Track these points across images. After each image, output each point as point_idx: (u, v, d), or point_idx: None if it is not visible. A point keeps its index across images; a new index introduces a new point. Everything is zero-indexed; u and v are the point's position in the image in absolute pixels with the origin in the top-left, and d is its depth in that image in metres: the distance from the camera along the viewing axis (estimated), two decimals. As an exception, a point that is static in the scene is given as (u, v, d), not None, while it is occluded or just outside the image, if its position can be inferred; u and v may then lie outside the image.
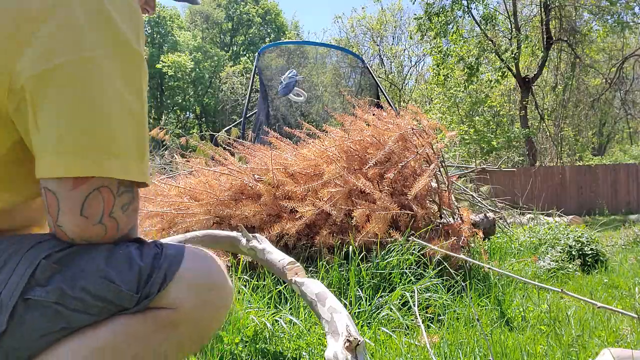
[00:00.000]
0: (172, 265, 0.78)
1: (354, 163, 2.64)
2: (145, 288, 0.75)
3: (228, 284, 0.84)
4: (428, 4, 14.11)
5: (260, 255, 1.79)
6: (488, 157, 15.42)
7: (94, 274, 0.71)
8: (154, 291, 0.75)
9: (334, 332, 1.15)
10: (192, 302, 0.78)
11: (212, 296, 0.80)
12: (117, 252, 0.75)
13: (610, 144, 26.09)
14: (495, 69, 15.49)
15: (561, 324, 1.93)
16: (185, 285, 0.77)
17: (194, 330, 0.81)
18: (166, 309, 0.77)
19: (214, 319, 0.83)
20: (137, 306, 0.75)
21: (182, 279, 0.77)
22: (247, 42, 30.24)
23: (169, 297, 0.77)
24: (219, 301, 0.82)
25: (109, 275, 0.72)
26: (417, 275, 2.17)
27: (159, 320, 0.77)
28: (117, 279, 0.72)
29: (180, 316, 0.78)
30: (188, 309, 0.78)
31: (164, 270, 0.77)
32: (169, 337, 0.78)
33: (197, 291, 0.78)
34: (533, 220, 5.61)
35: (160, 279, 0.76)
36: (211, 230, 2.14)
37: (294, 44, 8.64)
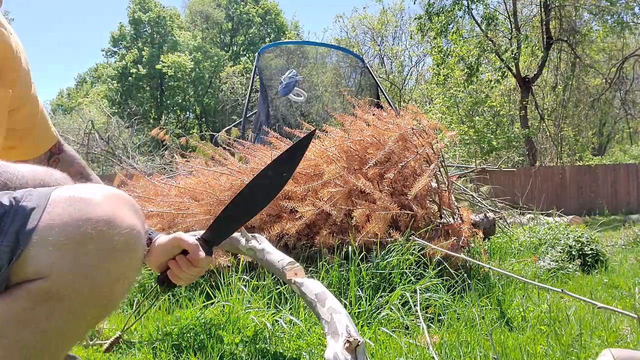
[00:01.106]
0: (25, 223, 0.61)
1: (354, 163, 2.64)
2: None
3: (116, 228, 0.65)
4: (429, 4, 14.10)
5: (259, 255, 1.79)
6: (488, 157, 15.41)
7: None
8: (4, 263, 0.60)
9: (333, 332, 1.15)
10: (66, 264, 0.61)
11: (93, 249, 0.63)
12: None
13: (610, 144, 26.08)
14: (495, 69, 15.48)
15: (561, 324, 1.93)
16: (50, 246, 0.61)
17: (87, 295, 0.64)
18: (36, 280, 0.61)
19: (110, 274, 0.65)
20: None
21: (43, 239, 0.61)
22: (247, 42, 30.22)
23: (33, 265, 0.61)
24: (106, 252, 0.64)
25: None
26: (417, 275, 2.17)
27: (32, 295, 0.61)
28: None
29: (56, 284, 0.61)
30: (63, 273, 0.61)
31: (14, 233, 0.61)
32: (53, 311, 0.63)
33: (69, 249, 0.61)
34: (533, 220, 5.61)
35: (9, 246, 0.60)
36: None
37: (294, 44, 8.64)
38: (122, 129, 13.38)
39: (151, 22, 27.21)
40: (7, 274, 0.60)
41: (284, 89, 5.68)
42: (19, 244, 0.60)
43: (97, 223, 0.63)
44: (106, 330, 1.88)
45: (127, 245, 0.66)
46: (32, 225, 0.61)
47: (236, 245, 1.94)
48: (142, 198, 2.89)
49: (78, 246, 0.62)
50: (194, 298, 2.13)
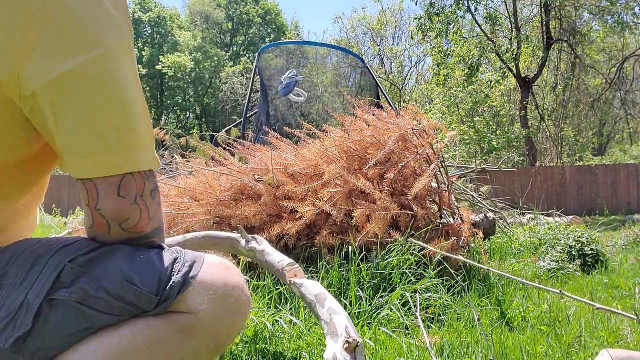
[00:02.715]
0: (190, 270, 0.79)
1: (354, 163, 2.64)
2: (165, 291, 0.76)
3: (245, 293, 0.85)
4: (430, 4, 14.10)
5: (259, 256, 1.79)
6: (488, 157, 15.42)
7: (116, 276, 0.73)
8: (173, 294, 0.76)
9: (332, 333, 1.15)
10: (210, 308, 0.79)
11: (229, 304, 0.81)
12: (138, 256, 0.77)
13: (610, 144, 26.10)
14: (496, 69, 15.49)
15: (561, 324, 1.93)
16: (203, 291, 0.78)
17: (211, 337, 0.81)
18: (184, 313, 0.78)
19: (231, 327, 0.83)
20: (156, 309, 0.75)
21: (200, 285, 0.78)
22: (247, 42, 30.24)
23: (187, 302, 0.77)
24: (236, 309, 0.82)
25: (130, 277, 0.74)
26: (417, 275, 2.17)
27: (177, 325, 0.77)
28: (138, 281, 0.74)
29: (197, 321, 0.78)
30: (205, 315, 0.78)
31: (183, 274, 0.78)
32: (186, 342, 0.79)
33: (215, 298, 0.79)
34: (533, 220, 5.61)
35: (179, 283, 0.77)
36: (210, 232, 2.14)
37: (294, 44, 8.64)
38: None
39: (151, 22, 27.23)
40: (171, 302, 0.76)
41: (284, 89, 5.68)
42: (185, 283, 0.77)
43: (235, 288, 0.82)
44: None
45: (246, 311, 0.85)
46: (195, 272, 0.79)
47: (236, 246, 1.94)
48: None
49: (221, 300, 0.80)
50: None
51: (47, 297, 0.69)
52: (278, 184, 2.57)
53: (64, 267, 0.71)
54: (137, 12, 26.95)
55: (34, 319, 0.68)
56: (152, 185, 0.79)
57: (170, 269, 0.78)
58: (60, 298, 0.70)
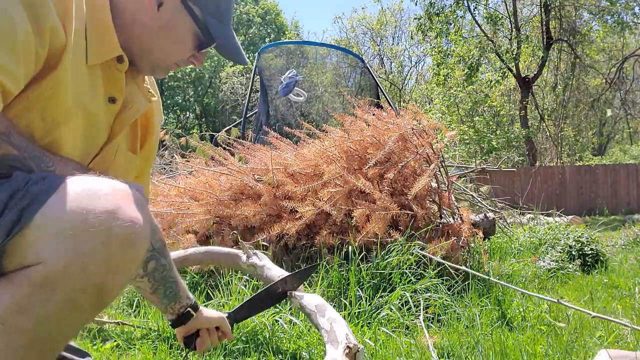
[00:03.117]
0: (31, 204, 0.61)
1: (354, 163, 2.64)
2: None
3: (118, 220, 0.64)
4: (430, 4, 14.09)
5: (259, 271, 1.85)
6: (488, 157, 15.41)
7: None
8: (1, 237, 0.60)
9: (333, 340, 1.16)
10: (65, 251, 0.61)
11: (93, 240, 0.62)
12: None
13: (610, 144, 26.08)
14: (496, 69, 15.48)
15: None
16: (52, 231, 0.61)
17: (82, 285, 0.63)
18: (36, 265, 0.61)
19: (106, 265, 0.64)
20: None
21: (44, 223, 0.61)
22: (247, 42, 30.22)
23: (33, 248, 0.61)
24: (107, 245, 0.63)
25: None
26: (417, 275, 2.17)
27: (30, 281, 0.61)
28: None
29: (51, 270, 0.61)
30: (61, 260, 0.61)
31: (17, 211, 0.60)
32: (50, 299, 0.62)
33: (69, 237, 0.61)
34: (533, 220, 5.60)
35: (10, 222, 0.60)
36: (211, 247, 2.19)
37: (294, 44, 8.65)
38: (122, 129, 13.33)
39: (151, 22, 27.19)
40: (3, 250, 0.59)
41: (284, 89, 5.68)
42: (19, 221, 0.60)
43: (101, 215, 0.63)
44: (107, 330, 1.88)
45: (127, 238, 0.65)
46: (37, 206, 0.60)
47: (237, 262, 2.00)
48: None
49: (79, 235, 0.61)
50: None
51: None
52: (278, 184, 2.57)
53: None
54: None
55: None
56: None
57: (4, 204, 0.61)
58: None
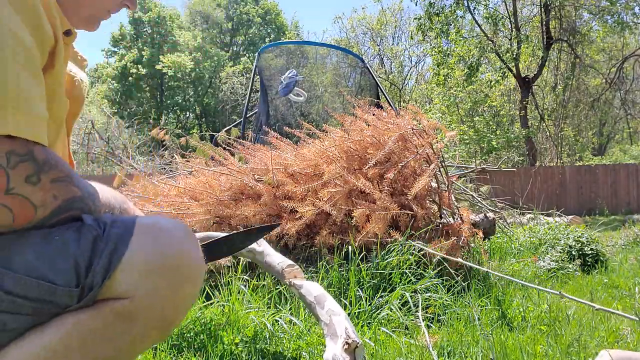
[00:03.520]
0: (117, 248, 0.67)
1: (354, 163, 2.64)
2: (87, 279, 0.65)
3: (190, 258, 0.72)
4: (429, 4, 14.09)
5: (259, 257, 1.80)
6: (488, 157, 15.40)
7: (19, 272, 0.63)
8: (98, 281, 0.66)
9: (332, 334, 1.15)
10: (148, 288, 0.68)
11: (170, 276, 0.69)
12: (52, 239, 0.66)
13: (610, 144, 26.08)
14: (496, 69, 15.48)
15: (561, 324, 1.93)
16: (136, 270, 0.67)
17: (157, 318, 0.70)
18: (120, 299, 0.68)
19: (179, 301, 0.72)
20: (82, 301, 0.66)
21: (131, 263, 0.67)
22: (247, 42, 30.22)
23: (120, 286, 0.67)
24: (180, 280, 0.70)
25: (39, 271, 0.63)
26: (417, 275, 2.17)
27: (113, 313, 0.68)
28: (51, 274, 0.63)
29: (136, 306, 0.68)
30: (144, 296, 0.68)
31: (107, 255, 0.66)
32: (128, 329, 0.69)
33: (151, 275, 0.68)
34: (533, 220, 5.60)
35: (103, 266, 0.66)
36: (210, 233, 2.14)
37: (294, 44, 8.64)
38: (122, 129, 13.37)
39: (151, 22, 27.20)
40: (97, 291, 0.66)
41: (284, 89, 5.68)
42: (110, 266, 0.66)
43: (175, 256, 0.69)
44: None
45: (195, 278, 0.72)
46: (123, 250, 0.66)
47: None
48: (142, 198, 2.89)
49: (159, 275, 0.68)
50: (194, 298, 2.12)
51: None
52: (278, 184, 2.57)
53: None
54: (137, 12, 26.92)
55: None
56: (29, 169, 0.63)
57: (91, 250, 0.66)
58: None
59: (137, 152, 10.54)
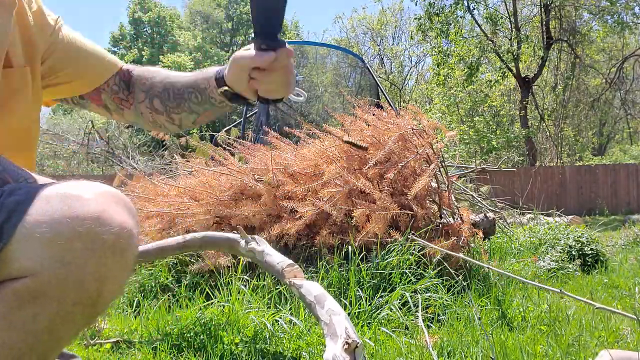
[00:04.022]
0: (11, 217, 0.58)
1: (354, 163, 2.64)
2: None
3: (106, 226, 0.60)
4: (429, 4, 14.10)
5: (259, 257, 1.79)
6: (488, 157, 15.41)
7: None
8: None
9: (332, 334, 1.15)
10: (53, 262, 0.58)
11: (84, 248, 0.59)
12: None
13: (610, 144, 26.09)
14: (496, 69, 15.49)
15: (561, 324, 1.93)
16: (36, 242, 0.57)
17: (75, 295, 0.60)
18: (22, 278, 0.58)
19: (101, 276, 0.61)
20: None
21: (29, 233, 0.57)
22: (247, 42, 30.20)
23: (18, 261, 0.57)
24: (99, 252, 0.60)
25: None
26: (417, 275, 2.17)
27: (15, 294, 0.58)
28: None
29: (43, 283, 0.58)
30: (50, 272, 0.58)
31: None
32: (40, 311, 0.59)
33: (59, 246, 0.58)
34: (533, 220, 5.60)
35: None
36: (209, 232, 2.14)
37: (294, 44, 8.63)
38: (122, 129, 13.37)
39: (151, 22, 27.22)
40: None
41: (284, 89, 5.66)
42: (2, 237, 0.57)
43: (86, 220, 0.59)
44: (106, 330, 1.88)
45: (117, 244, 0.61)
46: (18, 218, 0.57)
47: (236, 247, 1.93)
48: (142, 198, 2.89)
49: (66, 244, 0.58)
50: (194, 298, 2.13)
51: None
52: (278, 184, 2.57)
53: None
54: (137, 12, 26.94)
55: None
56: None
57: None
58: None
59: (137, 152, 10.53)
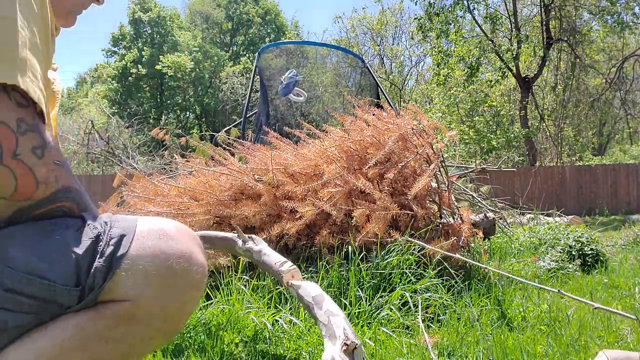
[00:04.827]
0: (118, 248, 0.66)
1: (354, 163, 2.64)
2: (88, 279, 0.64)
3: (194, 261, 0.72)
4: (429, 4, 14.09)
5: (256, 257, 1.77)
6: (488, 157, 15.41)
7: (20, 269, 0.62)
8: (98, 282, 0.65)
9: (331, 335, 1.14)
10: (151, 291, 0.67)
11: (174, 279, 0.69)
12: (54, 237, 0.65)
13: (610, 144, 26.08)
14: (496, 69, 15.49)
15: (561, 324, 1.93)
16: (139, 273, 0.66)
17: (160, 321, 0.70)
18: (122, 301, 0.67)
19: (184, 303, 0.72)
20: (83, 302, 0.65)
21: (133, 265, 0.66)
22: (247, 42, 30.22)
23: (122, 288, 0.66)
24: (185, 284, 0.70)
25: (37, 269, 0.62)
26: (417, 275, 2.17)
27: (115, 316, 0.67)
28: (50, 273, 0.62)
29: (138, 308, 0.67)
30: (147, 299, 0.67)
31: (109, 256, 0.66)
32: (130, 332, 0.68)
33: (154, 278, 0.67)
34: (533, 220, 5.60)
35: (103, 268, 0.65)
36: (207, 232, 2.12)
37: (294, 44, 8.64)
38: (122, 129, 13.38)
39: (151, 22, 27.20)
40: (98, 292, 0.65)
41: (284, 89, 5.68)
42: (112, 266, 0.65)
43: (180, 259, 0.69)
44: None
45: (199, 283, 0.72)
46: (124, 251, 0.66)
47: (233, 247, 1.92)
48: (142, 198, 2.89)
49: (163, 278, 0.68)
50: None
51: None
52: (278, 184, 2.57)
53: None
54: (137, 12, 26.92)
55: None
56: (35, 141, 0.63)
57: (92, 251, 0.65)
58: None
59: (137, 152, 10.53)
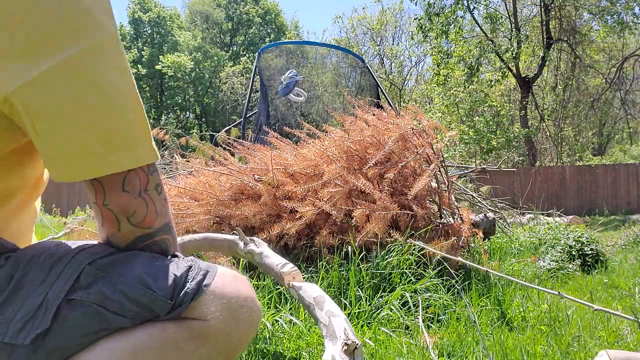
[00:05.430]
0: (204, 278, 0.82)
1: (354, 163, 2.64)
2: (179, 297, 0.78)
3: (256, 305, 0.87)
4: (429, 4, 14.10)
5: (257, 259, 1.78)
6: (488, 157, 15.42)
7: (133, 279, 0.76)
8: (187, 300, 0.79)
9: (331, 335, 1.15)
10: (223, 317, 0.81)
11: (241, 313, 0.83)
12: (155, 263, 0.81)
13: (610, 144, 26.09)
14: (496, 69, 15.50)
15: (561, 324, 1.93)
16: (216, 300, 0.81)
17: (223, 345, 0.83)
18: (198, 320, 0.80)
19: (243, 336, 0.85)
20: (170, 313, 0.78)
21: (213, 293, 0.81)
22: (247, 42, 30.24)
23: (201, 309, 0.80)
24: (248, 319, 0.85)
25: (146, 281, 0.77)
26: (417, 275, 2.17)
27: (191, 331, 0.80)
28: (154, 285, 0.77)
29: (210, 329, 0.80)
30: (218, 323, 0.81)
31: (197, 282, 0.81)
32: (199, 348, 0.81)
33: (228, 307, 0.82)
34: (533, 220, 5.61)
35: (193, 289, 0.79)
36: (209, 234, 2.13)
37: (294, 44, 8.64)
38: (122, 129, 13.29)
39: (151, 22, 27.22)
40: (185, 308, 0.79)
41: (284, 89, 5.68)
42: (199, 290, 0.80)
43: (247, 299, 0.85)
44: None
45: (257, 321, 0.88)
46: (209, 281, 0.82)
47: (234, 248, 1.93)
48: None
49: (234, 310, 0.82)
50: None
51: (66, 297, 0.72)
52: (278, 184, 2.57)
53: (83, 269, 0.74)
54: (137, 12, 26.95)
55: (52, 318, 0.70)
56: (157, 180, 0.82)
57: (185, 275, 0.81)
58: (78, 299, 0.72)
59: (137, 152, 10.47)
